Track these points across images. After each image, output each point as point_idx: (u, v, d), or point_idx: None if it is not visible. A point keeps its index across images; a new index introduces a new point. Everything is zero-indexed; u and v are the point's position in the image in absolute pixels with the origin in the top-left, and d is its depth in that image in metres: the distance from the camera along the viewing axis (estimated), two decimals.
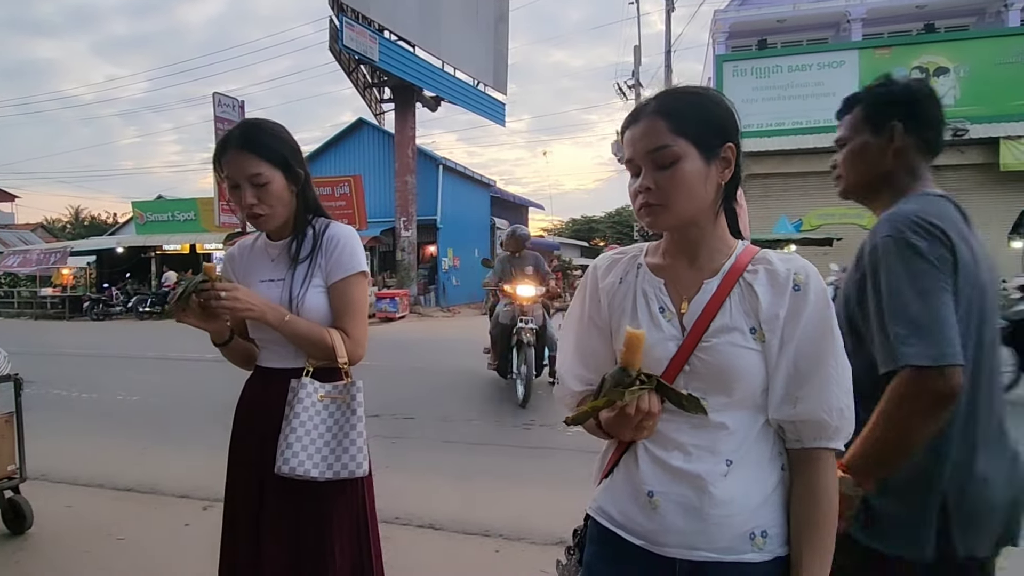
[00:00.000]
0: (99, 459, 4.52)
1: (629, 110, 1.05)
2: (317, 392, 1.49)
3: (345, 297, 1.55)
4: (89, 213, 49.91)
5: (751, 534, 0.97)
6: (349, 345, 1.53)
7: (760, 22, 20.15)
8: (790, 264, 1.00)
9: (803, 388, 0.97)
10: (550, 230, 45.80)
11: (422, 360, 10.14)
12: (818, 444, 0.98)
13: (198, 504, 3.59)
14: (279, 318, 1.48)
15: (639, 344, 0.90)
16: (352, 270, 1.56)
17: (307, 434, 1.45)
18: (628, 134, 1.02)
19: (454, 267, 24.59)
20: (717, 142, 0.99)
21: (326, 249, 1.56)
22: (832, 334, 0.97)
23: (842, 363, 0.98)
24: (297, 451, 1.43)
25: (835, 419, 0.96)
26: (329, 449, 1.47)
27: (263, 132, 1.52)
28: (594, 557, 1.08)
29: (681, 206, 0.98)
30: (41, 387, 6.75)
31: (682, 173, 0.97)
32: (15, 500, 3.15)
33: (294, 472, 1.42)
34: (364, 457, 1.49)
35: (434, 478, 4.15)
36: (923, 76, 16.82)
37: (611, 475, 1.07)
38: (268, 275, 1.58)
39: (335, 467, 1.46)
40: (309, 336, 1.50)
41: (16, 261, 23.97)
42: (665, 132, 0.97)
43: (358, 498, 1.56)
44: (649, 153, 0.98)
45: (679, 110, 0.99)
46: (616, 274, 1.11)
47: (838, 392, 0.96)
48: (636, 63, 22.64)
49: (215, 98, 19.06)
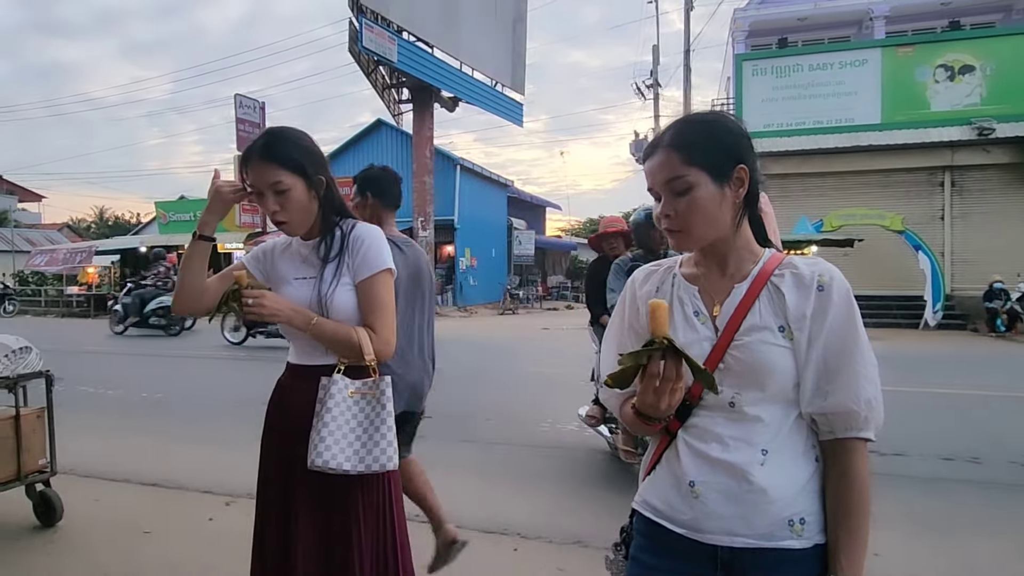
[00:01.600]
0: (125, 454, 4.62)
1: (648, 110, 1.11)
2: (348, 388, 1.53)
3: (372, 294, 1.59)
4: (113, 213, 50.77)
5: (789, 521, 1.02)
6: (376, 342, 1.57)
7: (781, 20, 19.94)
8: (815, 267, 1.07)
9: (833, 382, 1.02)
10: (567, 230, 45.70)
11: (439, 360, 10.16)
12: (849, 434, 1.03)
13: (221, 499, 3.66)
14: (306, 321, 1.53)
15: (659, 313, 0.96)
16: (378, 268, 1.59)
17: (339, 429, 1.49)
18: (647, 165, 1.10)
19: (471, 267, 24.65)
20: (729, 166, 1.06)
21: (353, 248, 1.60)
22: (857, 330, 1.04)
23: (868, 357, 1.03)
24: (330, 445, 1.47)
25: (864, 409, 1.02)
26: (360, 443, 1.51)
27: (284, 141, 1.56)
28: (640, 549, 1.14)
29: (699, 229, 1.07)
30: (68, 384, 6.89)
31: (696, 200, 1.05)
32: (46, 493, 3.24)
33: (327, 465, 1.47)
34: (394, 451, 1.53)
35: (452, 476, 4.17)
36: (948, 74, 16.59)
37: (654, 470, 1.13)
38: (300, 273, 1.64)
39: (367, 460, 1.50)
40: (336, 337, 1.55)
41: (43, 260, 24.47)
42: (678, 164, 1.05)
43: (382, 492, 1.59)
44: (666, 183, 1.07)
45: (691, 141, 1.06)
46: (653, 283, 1.20)
47: (866, 384, 1.02)
48: (655, 62, 22.52)
49: (236, 99, 19.30)
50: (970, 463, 4.40)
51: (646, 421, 1.06)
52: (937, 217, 16.08)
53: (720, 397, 1.05)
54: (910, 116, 16.61)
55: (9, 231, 32.74)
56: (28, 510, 3.24)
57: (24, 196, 42.75)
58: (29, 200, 43.70)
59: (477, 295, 24.24)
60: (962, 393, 6.98)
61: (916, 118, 16.55)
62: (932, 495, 3.84)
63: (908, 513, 3.51)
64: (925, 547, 3.09)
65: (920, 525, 3.35)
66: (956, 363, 9.67)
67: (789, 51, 18.50)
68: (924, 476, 4.16)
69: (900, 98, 16.79)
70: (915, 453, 4.58)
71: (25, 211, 41.63)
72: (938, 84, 16.71)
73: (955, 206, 16.00)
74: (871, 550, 1.04)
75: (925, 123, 16.36)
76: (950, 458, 4.50)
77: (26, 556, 2.92)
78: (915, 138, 15.95)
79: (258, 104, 19.98)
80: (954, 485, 4.03)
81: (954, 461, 4.44)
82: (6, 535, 3.13)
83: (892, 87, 16.85)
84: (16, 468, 3.10)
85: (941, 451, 4.64)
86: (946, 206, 16.03)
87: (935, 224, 16.01)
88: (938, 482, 4.07)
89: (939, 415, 5.97)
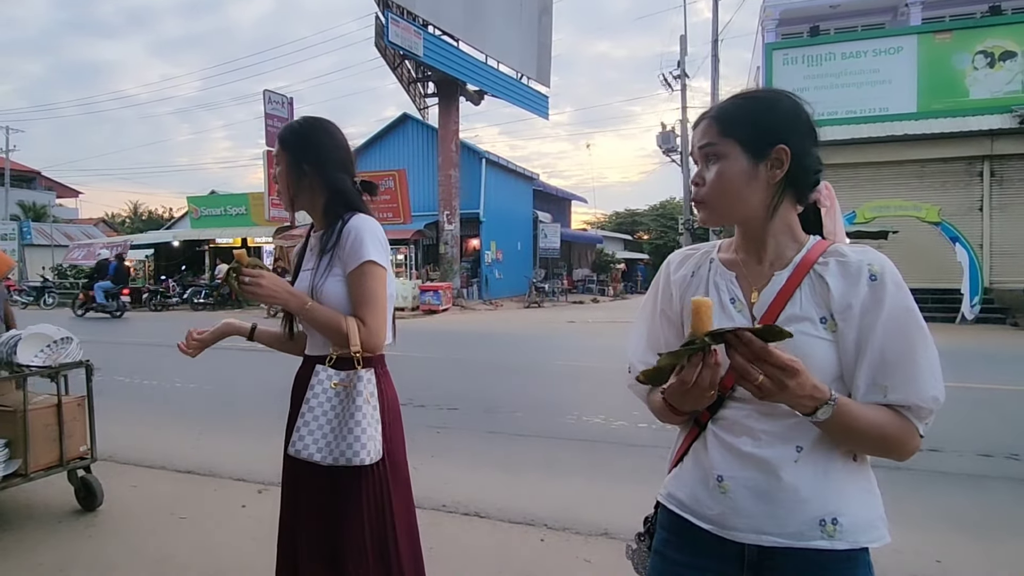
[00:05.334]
0: (160, 442, 4.74)
1: (675, 101, 1.12)
2: (331, 380, 1.56)
3: (359, 286, 1.60)
4: (147, 208, 51.84)
5: (821, 521, 0.97)
6: (363, 333, 1.57)
7: (812, 8, 19.51)
8: (863, 256, 1.01)
9: (892, 377, 0.96)
10: (593, 223, 45.46)
11: (466, 352, 10.25)
12: (910, 418, 0.98)
13: (253, 487, 3.74)
14: (300, 305, 1.58)
15: (703, 311, 0.89)
16: (360, 259, 1.59)
17: (315, 419, 1.53)
18: (692, 136, 1.12)
19: (497, 260, 24.69)
20: (766, 144, 1.02)
21: (343, 240, 1.63)
22: (918, 322, 0.98)
23: (932, 351, 0.97)
24: (304, 435, 1.53)
25: (930, 404, 0.96)
26: (334, 435, 1.53)
27: (290, 127, 1.73)
28: (663, 544, 1.11)
29: (724, 202, 1.05)
30: (106, 374, 7.09)
31: (723, 171, 1.03)
32: (87, 479, 3.34)
33: (300, 455, 1.53)
34: (362, 446, 1.50)
35: (479, 468, 4.21)
36: (988, 60, 16.07)
37: (681, 463, 1.10)
38: (309, 264, 1.71)
39: (335, 453, 1.52)
40: (327, 323, 1.58)
41: (81, 254, 25.19)
42: (715, 133, 1.05)
43: (377, 482, 1.59)
44: (700, 149, 1.07)
45: (732, 114, 1.05)
46: (688, 268, 1.16)
47: (932, 379, 0.96)
48: (682, 53, 22.21)
49: (265, 95, 19.56)
50: (1009, 460, 4.29)
51: (675, 412, 1.02)
52: (975, 208, 15.62)
53: None
54: (947, 104, 16.14)
55: (48, 226, 33.73)
56: (70, 495, 3.35)
57: (62, 192, 43.98)
58: (67, 196, 44.91)
59: (503, 288, 24.27)
60: (1001, 388, 6.79)
61: (954, 106, 16.07)
62: (969, 492, 3.76)
63: (945, 510, 3.44)
64: (961, 544, 3.02)
65: (956, 522, 3.28)
66: (994, 358, 9.41)
67: (821, 39, 18.06)
68: (961, 472, 4.06)
69: (937, 86, 16.31)
70: (951, 449, 4.47)
71: (63, 207, 42.80)
72: (977, 71, 16.20)
73: (994, 197, 15.51)
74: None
75: (963, 111, 15.88)
76: (988, 455, 4.39)
77: (68, 539, 3.02)
78: (953, 127, 15.49)
79: (286, 100, 20.22)
80: (992, 482, 3.93)
81: (992, 458, 4.34)
82: (49, 519, 3.24)
83: (929, 75, 16.38)
84: (59, 454, 3.21)
85: (978, 448, 4.53)
86: (985, 197, 15.56)
87: (973, 215, 15.55)
88: (975, 479, 3.98)
89: (976, 411, 5.82)
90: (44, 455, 3.16)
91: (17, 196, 37.07)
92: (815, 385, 0.91)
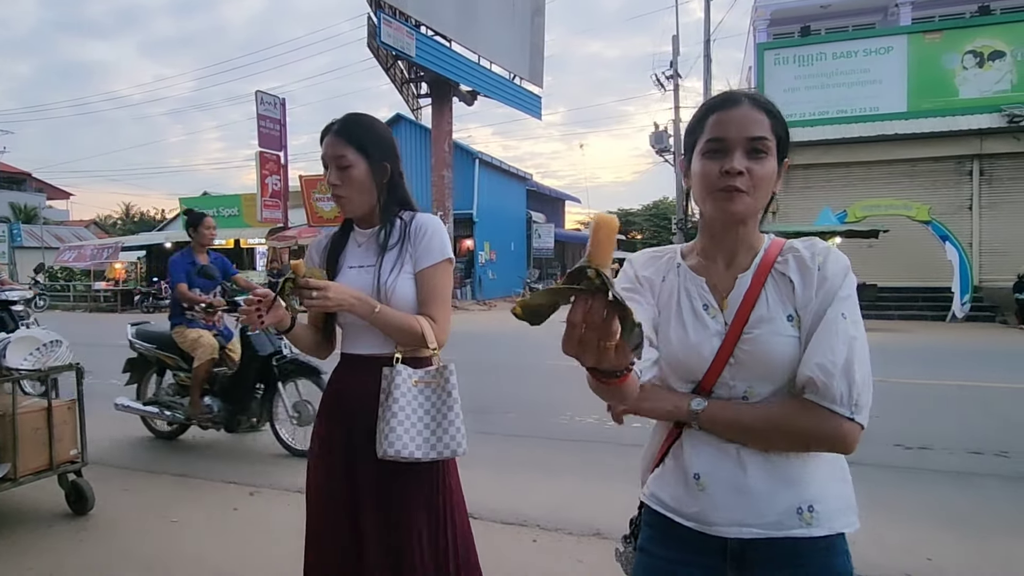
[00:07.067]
0: (152, 446, 4.72)
1: (667, 101, 1.10)
2: (411, 378, 1.55)
3: (432, 283, 1.61)
4: (139, 209, 51.71)
5: (799, 509, 1.00)
6: (435, 330, 1.59)
7: (803, 8, 19.61)
8: (812, 248, 1.05)
9: (810, 346, 0.98)
10: (586, 223, 45.49)
11: (459, 352, 10.21)
12: (823, 403, 0.96)
13: (245, 490, 3.72)
14: (369, 310, 1.54)
15: (603, 230, 0.68)
16: (440, 257, 1.62)
17: (407, 418, 1.52)
18: (723, 115, 1.03)
19: (490, 260, 24.70)
20: (785, 151, 1.06)
21: (414, 237, 1.62)
22: (839, 297, 0.99)
23: (846, 334, 0.97)
24: (400, 435, 1.50)
25: (813, 372, 0.96)
26: (430, 431, 1.54)
27: (357, 123, 1.64)
28: (648, 541, 1.13)
29: (759, 197, 1.03)
30: (97, 377, 7.03)
31: (768, 169, 1.02)
32: (78, 483, 3.32)
33: (399, 455, 1.49)
34: (463, 436, 1.56)
35: (471, 469, 4.17)
36: (977, 60, 16.19)
37: (663, 463, 1.12)
38: (357, 262, 1.66)
39: (437, 447, 1.53)
40: (400, 325, 1.56)
41: (72, 256, 25.03)
42: (767, 126, 1.02)
43: (437, 479, 1.60)
44: (749, 140, 1.01)
45: (775, 114, 1.05)
46: (656, 272, 1.14)
47: (841, 348, 0.96)
48: (674, 53, 22.24)
49: (257, 96, 19.50)
50: (999, 457, 4.32)
51: (600, 377, 0.83)
52: (965, 207, 15.73)
53: (733, 391, 1.03)
54: (937, 104, 16.26)
55: (39, 228, 33.51)
56: (61, 499, 3.33)
57: (52, 194, 43.70)
58: (58, 197, 44.64)
59: (496, 288, 24.28)
60: (990, 386, 6.84)
61: (943, 106, 16.19)
62: (960, 489, 3.78)
63: (935, 507, 3.46)
64: (952, 541, 3.04)
65: (947, 519, 3.30)
66: (984, 356, 9.48)
67: (812, 39, 18.18)
68: (952, 470, 4.09)
69: (927, 86, 16.44)
70: (942, 447, 4.50)
71: (53, 208, 42.54)
72: (967, 71, 16.33)
73: (984, 195, 15.63)
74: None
75: (953, 111, 16.00)
76: (978, 452, 4.42)
77: (59, 543, 3.00)
78: (942, 126, 15.61)
79: (279, 100, 20.17)
80: (982, 479, 3.96)
81: (982, 455, 4.36)
82: (40, 523, 3.22)
83: (918, 74, 16.50)
84: (48, 458, 3.18)
85: (968, 445, 4.56)
86: (974, 196, 15.67)
87: (963, 214, 15.66)
88: (966, 476, 4.00)
89: (966, 409, 5.86)
90: (33, 459, 3.13)
91: (7, 198, 36.85)
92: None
